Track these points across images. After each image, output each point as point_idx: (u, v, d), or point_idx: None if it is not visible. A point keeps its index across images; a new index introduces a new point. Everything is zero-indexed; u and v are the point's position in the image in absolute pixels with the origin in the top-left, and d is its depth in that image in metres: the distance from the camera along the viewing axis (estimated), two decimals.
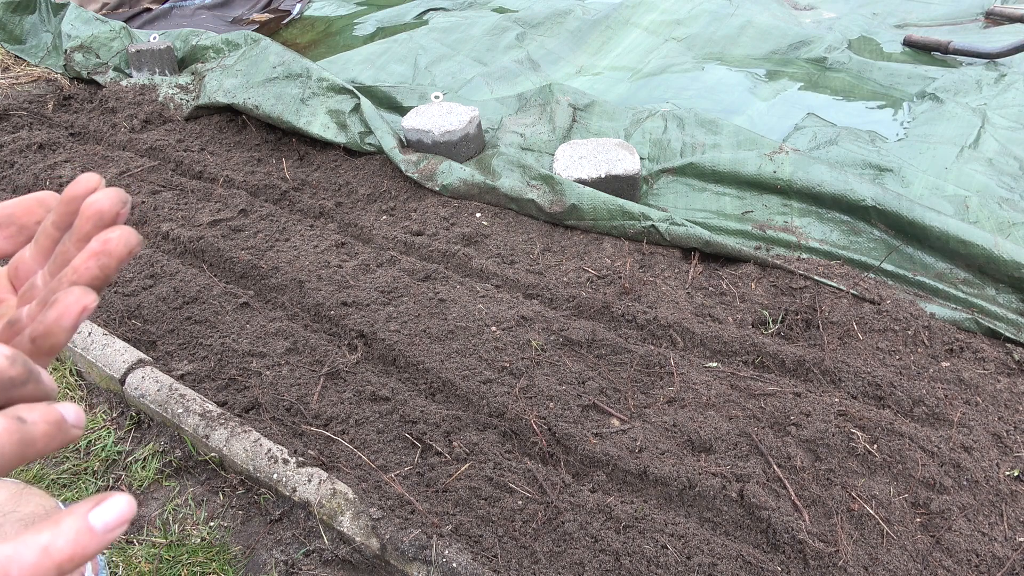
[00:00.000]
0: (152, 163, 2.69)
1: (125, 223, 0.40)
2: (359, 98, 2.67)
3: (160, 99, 3.07)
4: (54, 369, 1.84)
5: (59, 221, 0.41)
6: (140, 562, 1.41)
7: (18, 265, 0.44)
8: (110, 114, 3.05)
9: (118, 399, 1.76)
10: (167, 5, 4.44)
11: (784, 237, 2.11)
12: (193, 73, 3.18)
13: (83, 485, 1.57)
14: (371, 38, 3.83)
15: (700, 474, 1.45)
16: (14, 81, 3.41)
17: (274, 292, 2.06)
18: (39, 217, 0.42)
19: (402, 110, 2.86)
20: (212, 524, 1.49)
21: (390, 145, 2.51)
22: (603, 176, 2.25)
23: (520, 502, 1.42)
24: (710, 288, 2.00)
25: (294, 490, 1.45)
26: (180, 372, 1.75)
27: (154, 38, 3.34)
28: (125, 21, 4.12)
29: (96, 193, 0.39)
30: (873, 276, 1.99)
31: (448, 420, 1.60)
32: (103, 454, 1.64)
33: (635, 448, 1.51)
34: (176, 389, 1.66)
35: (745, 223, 2.19)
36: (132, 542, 1.46)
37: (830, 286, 1.91)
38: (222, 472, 1.57)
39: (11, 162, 2.72)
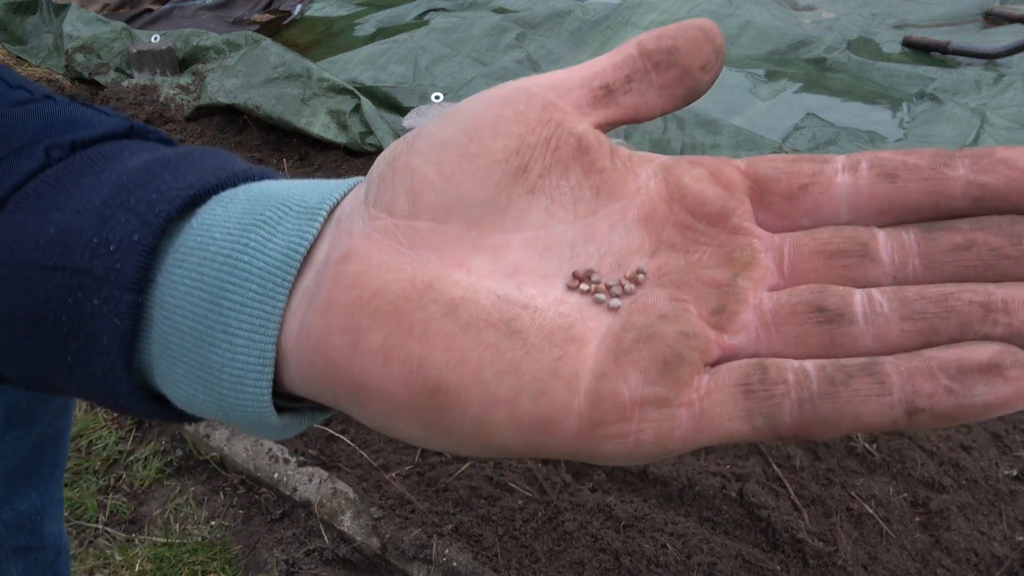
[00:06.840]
0: None
1: None
2: (360, 98, 2.68)
3: (161, 99, 3.08)
4: None
5: (986, 191, 0.22)
6: (141, 561, 1.42)
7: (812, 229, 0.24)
8: None
9: None
10: (168, 6, 4.45)
11: None
12: (194, 73, 3.19)
13: (84, 484, 1.57)
14: (371, 38, 3.84)
15: (700, 473, 1.45)
16: None
17: None
18: (706, 59, 0.26)
19: (402, 110, 2.86)
20: (213, 523, 1.49)
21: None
22: None
23: (520, 501, 1.42)
24: None
25: (295, 489, 1.46)
26: None
27: (155, 39, 3.35)
28: (126, 22, 4.13)
29: None
30: None
31: None
32: (104, 453, 1.64)
33: None
34: None
35: None
36: (133, 541, 1.47)
37: None
38: (223, 471, 1.58)
39: None
